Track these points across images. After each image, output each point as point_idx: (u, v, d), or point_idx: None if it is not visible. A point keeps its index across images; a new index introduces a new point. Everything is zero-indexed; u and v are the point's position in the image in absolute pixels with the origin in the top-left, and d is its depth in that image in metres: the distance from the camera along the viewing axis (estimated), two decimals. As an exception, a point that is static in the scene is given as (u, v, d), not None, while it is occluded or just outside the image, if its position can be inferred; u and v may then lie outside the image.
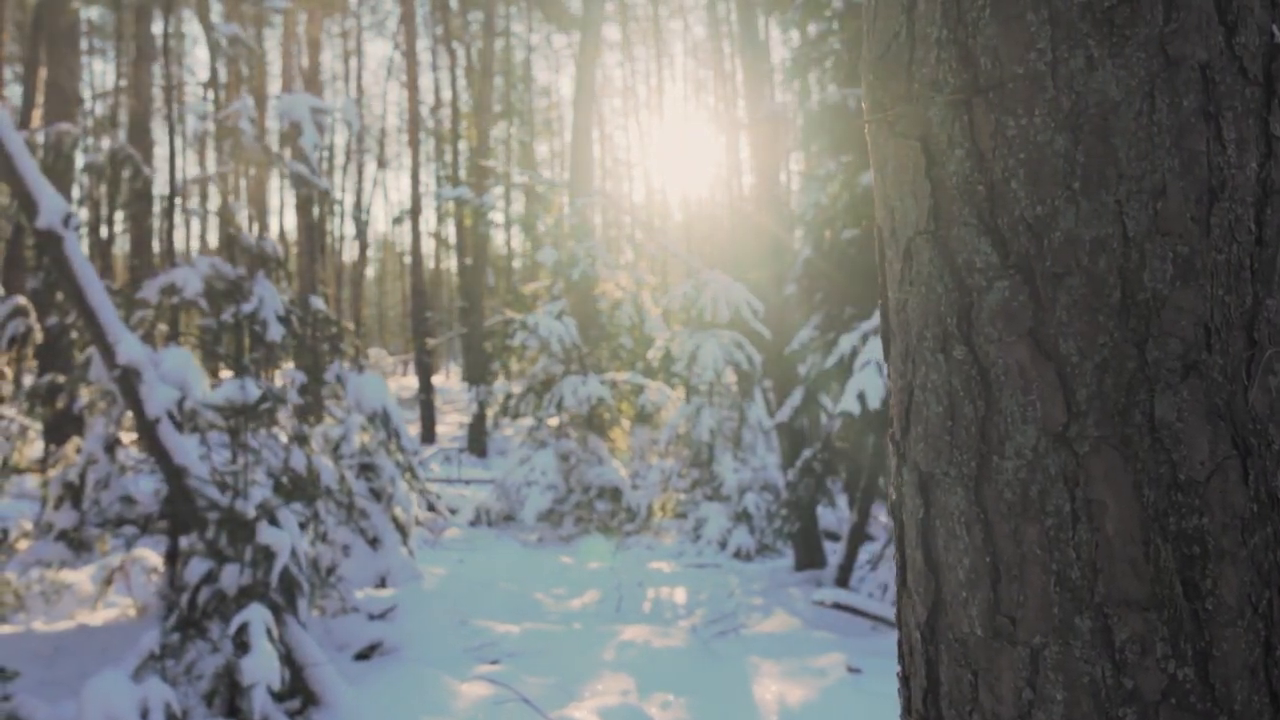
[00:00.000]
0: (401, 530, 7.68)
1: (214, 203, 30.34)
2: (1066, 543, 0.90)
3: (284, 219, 35.72)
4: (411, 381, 32.07)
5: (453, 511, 13.40)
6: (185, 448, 5.03)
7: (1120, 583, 0.88)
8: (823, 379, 8.30)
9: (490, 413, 18.68)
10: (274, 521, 4.67)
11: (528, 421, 15.05)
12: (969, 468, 0.96)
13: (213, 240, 32.58)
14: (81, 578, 6.97)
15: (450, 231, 35.63)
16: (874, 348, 6.57)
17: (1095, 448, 0.89)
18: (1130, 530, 0.88)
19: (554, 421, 13.44)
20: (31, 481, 11.95)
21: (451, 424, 27.04)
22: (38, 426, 7.57)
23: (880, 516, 11.27)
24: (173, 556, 6.22)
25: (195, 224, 34.84)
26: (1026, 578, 0.92)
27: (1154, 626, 0.87)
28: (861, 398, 6.40)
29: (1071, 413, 0.90)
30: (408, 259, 33.42)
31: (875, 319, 7.07)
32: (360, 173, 37.59)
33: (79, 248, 5.22)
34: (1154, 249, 0.89)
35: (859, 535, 8.81)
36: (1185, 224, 0.89)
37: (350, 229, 40.29)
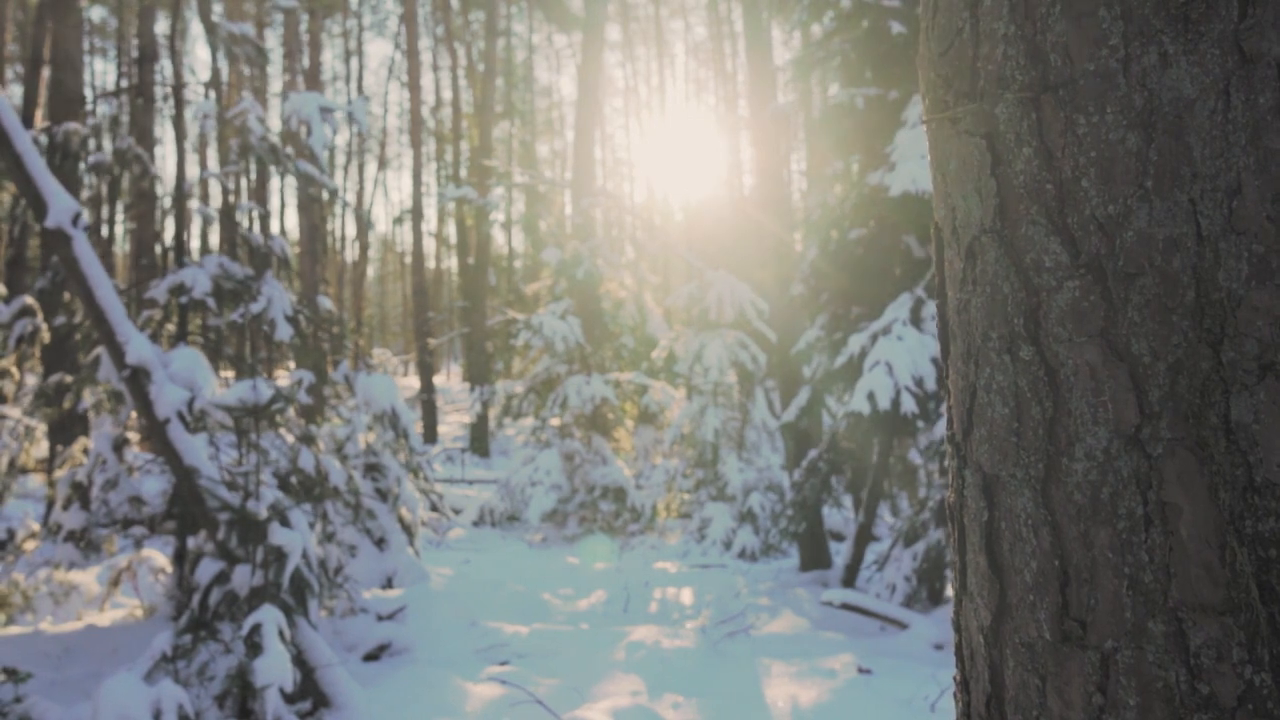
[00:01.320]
0: (408, 530, 7.67)
1: (214, 202, 30.32)
2: (1139, 546, 0.89)
3: (285, 219, 35.71)
4: (413, 382, 32.09)
5: (456, 512, 13.39)
6: (195, 448, 5.02)
7: (1195, 587, 0.87)
8: (829, 379, 8.29)
9: (493, 413, 18.67)
10: (285, 522, 4.66)
11: (530, 421, 15.05)
12: (1036, 470, 0.95)
13: (214, 240, 32.55)
14: (88, 578, 6.96)
15: (451, 231, 35.68)
16: (883, 348, 6.55)
17: (1169, 450, 0.88)
18: (1205, 533, 0.87)
19: (557, 421, 13.43)
20: (33, 482, 11.94)
21: (453, 424, 27.04)
22: (42, 427, 7.55)
23: (886, 517, 11.27)
24: (181, 557, 6.21)
25: (195, 224, 34.80)
26: (1097, 581, 0.91)
27: (1230, 631, 0.86)
28: (871, 398, 6.39)
29: (1144, 414, 0.89)
30: (408, 259, 33.44)
31: (884, 319, 7.04)
32: (361, 172, 37.62)
33: (88, 247, 5.21)
34: (1229, 248, 0.87)
35: (865, 536, 8.80)
36: (1261, 223, 0.87)
37: (351, 229, 40.32)
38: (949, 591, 7.98)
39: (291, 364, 7.90)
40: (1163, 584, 0.88)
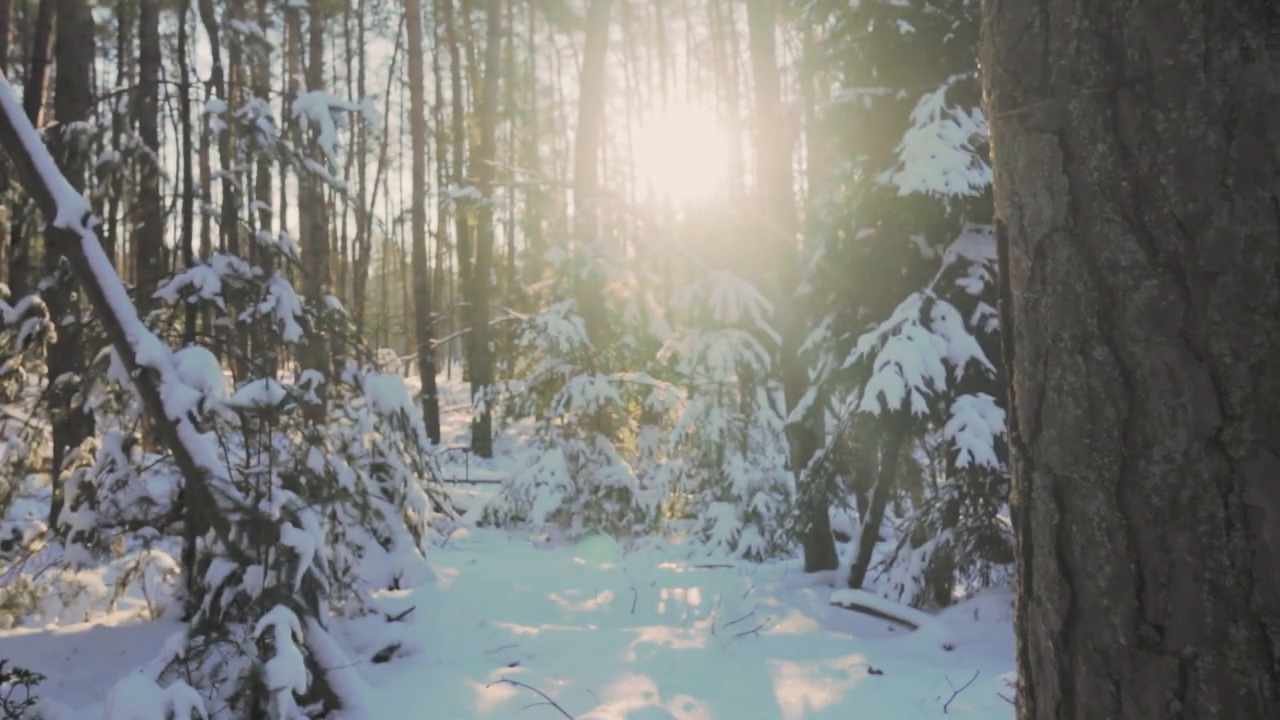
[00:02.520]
0: (414, 531, 7.64)
1: (215, 202, 30.25)
2: (1220, 550, 0.87)
3: (286, 218, 35.69)
4: (414, 381, 32.01)
5: (461, 512, 13.37)
6: (206, 449, 5.00)
7: (1279, 591, 0.85)
8: (836, 379, 8.27)
9: (496, 413, 18.63)
10: (297, 523, 4.64)
11: (532, 422, 15.03)
12: (1110, 472, 0.93)
13: (215, 239, 32.52)
14: (95, 579, 6.93)
15: (452, 231, 35.64)
16: (893, 348, 6.53)
17: (1252, 452, 0.86)
18: (1289, 537, 0.85)
19: (560, 421, 13.41)
20: (37, 482, 11.89)
21: (455, 424, 26.99)
22: (48, 427, 7.52)
23: (890, 517, 11.24)
24: (189, 558, 6.18)
25: (197, 222, 34.74)
26: (1175, 586, 0.89)
27: (1315, 637, 0.84)
28: (881, 398, 6.37)
29: (1226, 416, 0.87)
30: (409, 259, 33.40)
31: (894, 319, 7.02)
32: (362, 172, 37.60)
33: (98, 247, 5.19)
34: (1313, 246, 0.86)
35: (872, 536, 8.77)
36: (1345, 221, 0.86)
37: (352, 229, 40.29)
38: (958, 592, 7.97)
39: (292, 364, 7.88)
40: (1245, 589, 0.86)
